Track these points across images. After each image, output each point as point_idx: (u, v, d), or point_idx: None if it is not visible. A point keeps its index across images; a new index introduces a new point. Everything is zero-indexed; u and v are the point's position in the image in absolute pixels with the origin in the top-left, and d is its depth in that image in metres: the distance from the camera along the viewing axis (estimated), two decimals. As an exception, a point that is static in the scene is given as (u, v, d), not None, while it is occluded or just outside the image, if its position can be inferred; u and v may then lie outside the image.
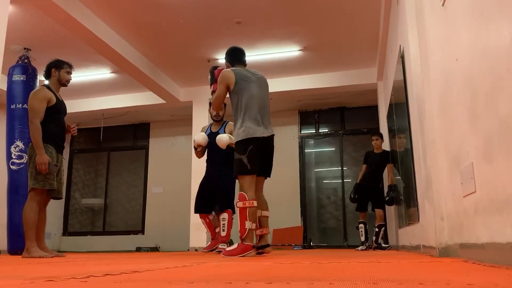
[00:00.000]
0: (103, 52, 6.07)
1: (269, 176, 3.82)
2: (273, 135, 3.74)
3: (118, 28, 5.90)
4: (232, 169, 3.64)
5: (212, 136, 4.85)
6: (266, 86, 3.87)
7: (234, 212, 4.61)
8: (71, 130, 4.07)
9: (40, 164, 3.65)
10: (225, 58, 3.96)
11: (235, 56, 3.90)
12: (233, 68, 3.80)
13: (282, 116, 9.19)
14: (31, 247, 3.63)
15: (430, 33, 3.00)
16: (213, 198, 4.85)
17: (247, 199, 3.42)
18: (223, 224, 4.64)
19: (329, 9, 5.49)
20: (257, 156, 3.54)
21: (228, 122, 4.97)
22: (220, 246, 4.66)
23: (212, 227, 4.89)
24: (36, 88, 4.09)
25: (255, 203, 3.45)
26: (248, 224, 3.38)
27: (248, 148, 3.52)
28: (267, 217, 3.75)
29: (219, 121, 4.98)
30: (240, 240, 3.40)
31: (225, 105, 4.66)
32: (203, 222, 4.95)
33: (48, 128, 3.79)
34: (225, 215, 4.66)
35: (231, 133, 4.65)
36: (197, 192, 4.97)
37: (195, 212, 5.01)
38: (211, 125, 5.07)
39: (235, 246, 3.43)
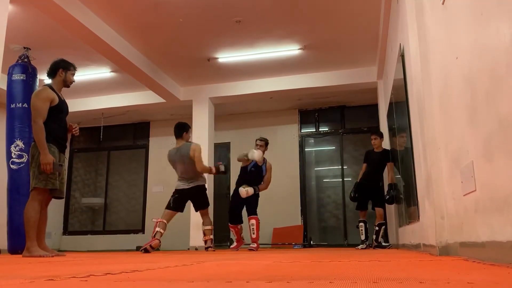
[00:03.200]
0: (103, 51, 6.07)
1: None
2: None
3: (117, 27, 5.89)
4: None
5: (255, 166, 6.01)
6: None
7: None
8: (73, 130, 4.07)
9: (45, 164, 3.65)
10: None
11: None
12: None
13: (282, 115, 9.20)
14: (32, 247, 3.63)
15: (430, 32, 3.00)
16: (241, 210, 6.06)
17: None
18: (253, 228, 5.82)
19: (329, 8, 5.48)
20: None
21: (267, 161, 6.13)
22: (251, 245, 5.79)
23: (239, 233, 6.04)
24: (39, 88, 4.08)
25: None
26: None
27: None
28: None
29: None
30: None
31: (267, 143, 6.06)
32: (233, 231, 6.05)
33: (50, 127, 3.79)
34: (253, 221, 5.82)
35: (268, 170, 6.08)
36: (230, 206, 6.08)
37: (231, 223, 6.06)
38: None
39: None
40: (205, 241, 5.59)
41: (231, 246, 5.88)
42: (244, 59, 6.96)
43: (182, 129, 5.63)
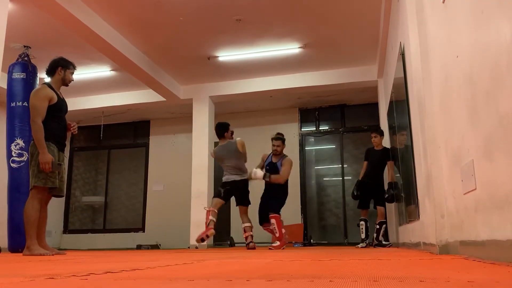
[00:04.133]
0: (103, 50, 6.07)
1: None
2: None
3: (118, 26, 5.89)
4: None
5: (271, 165, 5.87)
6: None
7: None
8: (71, 128, 4.07)
9: (44, 163, 3.65)
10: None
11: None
12: None
13: (282, 113, 9.20)
14: (32, 245, 3.63)
15: (431, 30, 2.99)
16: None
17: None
18: (274, 227, 5.67)
19: (329, 7, 5.48)
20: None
21: (286, 157, 5.88)
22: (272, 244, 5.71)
23: (274, 232, 5.72)
24: (37, 87, 4.07)
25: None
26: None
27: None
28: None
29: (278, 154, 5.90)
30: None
31: (283, 140, 5.91)
32: (268, 231, 5.87)
33: (49, 126, 3.78)
34: (273, 220, 5.62)
35: (284, 164, 5.83)
36: (260, 206, 5.87)
37: (260, 224, 5.87)
38: (271, 155, 5.95)
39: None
40: (246, 238, 5.67)
41: (273, 245, 5.54)
42: (244, 58, 6.96)
43: (224, 129, 5.92)
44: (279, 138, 5.87)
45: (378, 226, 6.09)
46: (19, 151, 5.40)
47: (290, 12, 5.61)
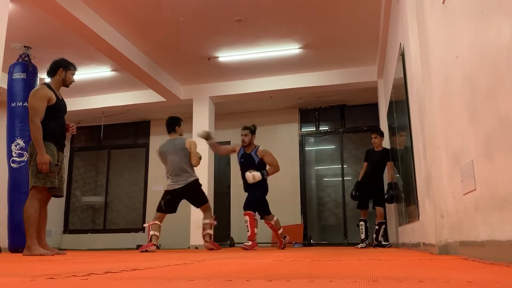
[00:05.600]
0: (104, 50, 6.07)
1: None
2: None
3: (118, 26, 5.89)
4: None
5: (246, 157, 5.63)
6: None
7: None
8: (70, 129, 4.07)
9: (41, 163, 3.65)
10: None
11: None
12: None
13: (282, 114, 9.20)
14: (32, 245, 3.63)
15: (431, 30, 2.99)
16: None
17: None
18: (246, 225, 5.44)
19: (330, 7, 5.48)
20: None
21: (258, 147, 5.69)
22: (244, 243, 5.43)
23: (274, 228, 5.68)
24: (36, 87, 4.07)
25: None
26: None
27: None
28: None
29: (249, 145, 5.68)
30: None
31: (254, 130, 5.75)
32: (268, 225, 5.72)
33: (48, 126, 3.78)
34: (246, 218, 5.38)
35: (262, 158, 5.59)
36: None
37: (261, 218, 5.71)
38: (243, 147, 5.73)
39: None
40: (203, 236, 5.37)
41: (245, 244, 5.26)
42: (244, 58, 6.96)
43: (175, 123, 5.49)
44: (247, 128, 5.68)
45: (377, 227, 6.09)
46: (20, 151, 5.40)
47: (291, 13, 5.61)
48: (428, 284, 1.08)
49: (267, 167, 5.59)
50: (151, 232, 5.15)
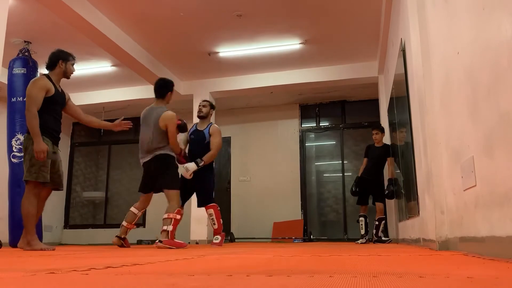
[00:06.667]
0: (104, 46, 6.06)
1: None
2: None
3: (118, 22, 5.88)
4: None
5: (196, 133, 5.23)
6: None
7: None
8: (123, 125, 4.16)
9: (38, 152, 3.56)
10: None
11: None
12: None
13: (283, 109, 9.19)
14: (32, 240, 3.63)
15: (432, 26, 2.99)
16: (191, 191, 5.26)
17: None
18: (212, 218, 5.12)
19: (330, 2, 5.46)
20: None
21: (212, 124, 5.33)
22: (214, 240, 5.16)
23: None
24: (36, 77, 4.02)
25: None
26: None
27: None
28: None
29: (205, 118, 5.30)
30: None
31: (212, 105, 5.38)
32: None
33: (44, 119, 3.71)
34: (211, 211, 5.11)
35: (213, 134, 5.12)
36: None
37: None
38: (197, 123, 5.40)
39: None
40: (161, 232, 4.32)
41: (214, 242, 5.00)
42: (245, 54, 6.95)
43: (166, 87, 4.51)
44: (208, 101, 5.35)
45: (377, 223, 6.11)
46: (20, 146, 5.40)
47: (291, 8, 5.59)
48: (428, 280, 1.08)
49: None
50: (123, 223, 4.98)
